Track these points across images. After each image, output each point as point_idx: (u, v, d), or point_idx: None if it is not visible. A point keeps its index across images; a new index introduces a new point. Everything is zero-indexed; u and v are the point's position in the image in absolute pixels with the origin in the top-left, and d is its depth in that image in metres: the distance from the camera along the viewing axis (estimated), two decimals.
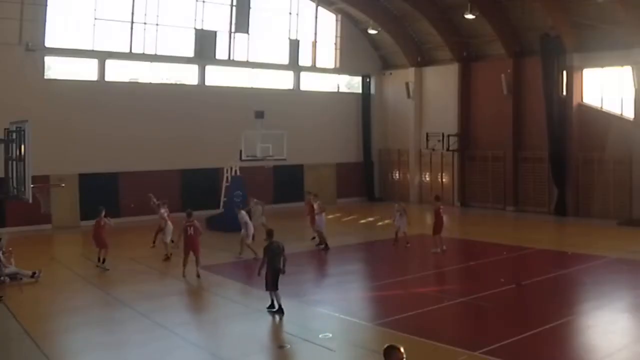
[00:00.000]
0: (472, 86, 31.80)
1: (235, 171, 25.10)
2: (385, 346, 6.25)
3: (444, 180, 33.12)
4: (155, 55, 28.47)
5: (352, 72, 35.75)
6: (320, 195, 32.92)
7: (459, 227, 26.33)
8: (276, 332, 12.02)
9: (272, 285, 13.10)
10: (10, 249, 16.57)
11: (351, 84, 36.66)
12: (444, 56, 32.81)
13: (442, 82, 33.00)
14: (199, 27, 29.37)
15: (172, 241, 19.33)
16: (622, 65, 25.54)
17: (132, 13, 27.44)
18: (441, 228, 19.76)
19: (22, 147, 12.29)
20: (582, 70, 27.12)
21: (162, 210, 20.08)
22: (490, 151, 30.96)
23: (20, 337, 11.81)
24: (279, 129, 25.42)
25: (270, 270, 13.12)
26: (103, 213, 18.13)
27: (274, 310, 13.17)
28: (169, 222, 19.64)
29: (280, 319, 12.95)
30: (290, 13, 32.49)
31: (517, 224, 27.42)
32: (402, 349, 6.01)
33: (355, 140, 35.47)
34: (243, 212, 19.64)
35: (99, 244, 17.91)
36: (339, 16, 34.53)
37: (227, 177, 25.44)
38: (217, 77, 30.72)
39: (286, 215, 29.31)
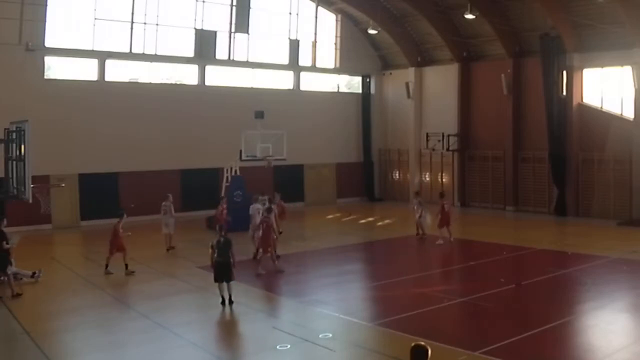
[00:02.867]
0: (472, 86, 31.81)
1: (235, 171, 25.10)
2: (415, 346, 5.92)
3: (444, 180, 33.11)
4: (155, 55, 28.47)
5: (352, 72, 35.75)
6: (321, 195, 33.33)
7: (459, 227, 26.25)
8: (276, 332, 12.01)
9: (220, 277, 13.74)
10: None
11: (351, 84, 36.66)
12: (444, 56, 32.81)
13: (442, 82, 33.00)
14: (199, 27, 29.37)
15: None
16: (622, 65, 25.54)
17: (132, 13, 27.44)
18: (447, 221, 21.21)
19: (22, 147, 12.32)
20: (582, 70, 27.11)
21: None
22: (490, 151, 30.97)
23: (20, 337, 11.81)
24: (278, 129, 25.42)
25: (217, 263, 13.76)
26: (124, 217, 17.83)
27: (224, 303, 13.75)
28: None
29: (230, 309, 13.57)
30: (290, 13, 32.49)
31: (517, 224, 27.41)
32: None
33: (355, 140, 35.47)
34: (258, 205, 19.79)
35: (118, 248, 17.31)
36: (339, 16, 34.53)
37: (227, 177, 25.44)
38: (217, 77, 30.72)
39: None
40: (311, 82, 34.30)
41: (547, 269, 17.12)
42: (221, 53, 30.28)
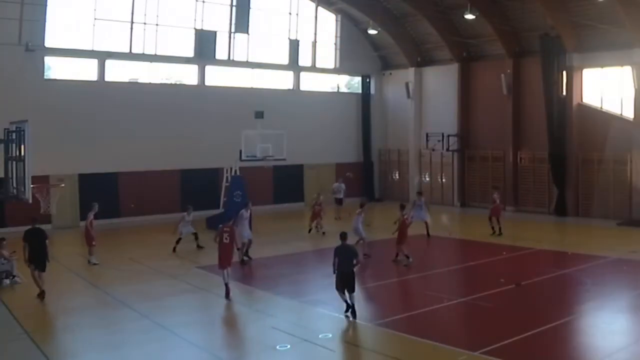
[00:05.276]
0: (472, 86, 31.81)
1: (235, 171, 25.10)
2: None
3: (444, 180, 33.11)
4: (155, 55, 28.45)
5: (352, 72, 35.76)
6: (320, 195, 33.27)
7: (459, 227, 26.34)
8: (276, 332, 12.01)
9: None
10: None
11: (351, 84, 36.66)
12: (443, 56, 32.81)
13: (442, 82, 33.00)
14: (199, 27, 29.36)
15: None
16: (622, 65, 25.54)
17: (132, 13, 27.43)
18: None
19: (22, 147, 12.29)
20: (582, 70, 27.12)
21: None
22: (490, 151, 30.96)
23: (20, 337, 11.81)
24: (278, 129, 25.41)
25: None
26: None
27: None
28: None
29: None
30: (290, 13, 32.49)
31: (517, 224, 27.38)
32: None
33: (355, 140, 35.47)
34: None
35: None
36: (339, 16, 34.53)
37: (227, 177, 25.44)
38: (217, 77, 30.72)
39: (286, 215, 29.35)
40: (311, 82, 34.30)
41: (547, 269, 17.13)
42: (221, 53, 30.27)
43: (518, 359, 10.43)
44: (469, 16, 26.78)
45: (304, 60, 33.38)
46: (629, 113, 25.65)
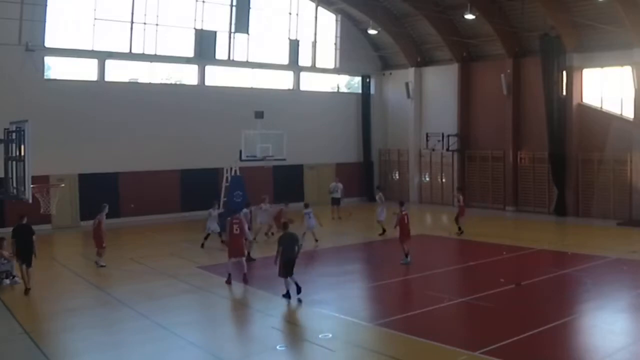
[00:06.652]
0: (472, 86, 31.82)
1: (235, 171, 25.09)
2: None
3: (444, 180, 33.12)
4: (155, 55, 28.47)
5: (352, 73, 35.77)
6: (321, 195, 33.29)
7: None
8: (276, 332, 12.01)
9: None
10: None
11: (351, 84, 36.67)
12: (443, 56, 32.82)
13: (442, 82, 33.01)
14: (199, 27, 29.37)
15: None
16: (622, 65, 25.55)
17: (132, 13, 27.45)
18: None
19: (22, 147, 12.30)
20: (582, 70, 27.12)
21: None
22: (490, 151, 30.97)
23: (20, 337, 11.81)
24: (278, 129, 25.40)
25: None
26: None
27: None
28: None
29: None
30: (290, 13, 32.50)
31: (517, 224, 27.41)
32: None
33: (355, 140, 35.48)
34: None
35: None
36: (339, 16, 34.54)
37: (227, 177, 25.43)
38: (217, 77, 30.74)
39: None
40: (311, 82, 34.31)
41: (547, 269, 17.12)
42: (221, 53, 30.27)
43: (518, 359, 10.43)
44: (469, 16, 26.75)
45: (304, 60, 33.38)
46: (629, 113, 25.65)
